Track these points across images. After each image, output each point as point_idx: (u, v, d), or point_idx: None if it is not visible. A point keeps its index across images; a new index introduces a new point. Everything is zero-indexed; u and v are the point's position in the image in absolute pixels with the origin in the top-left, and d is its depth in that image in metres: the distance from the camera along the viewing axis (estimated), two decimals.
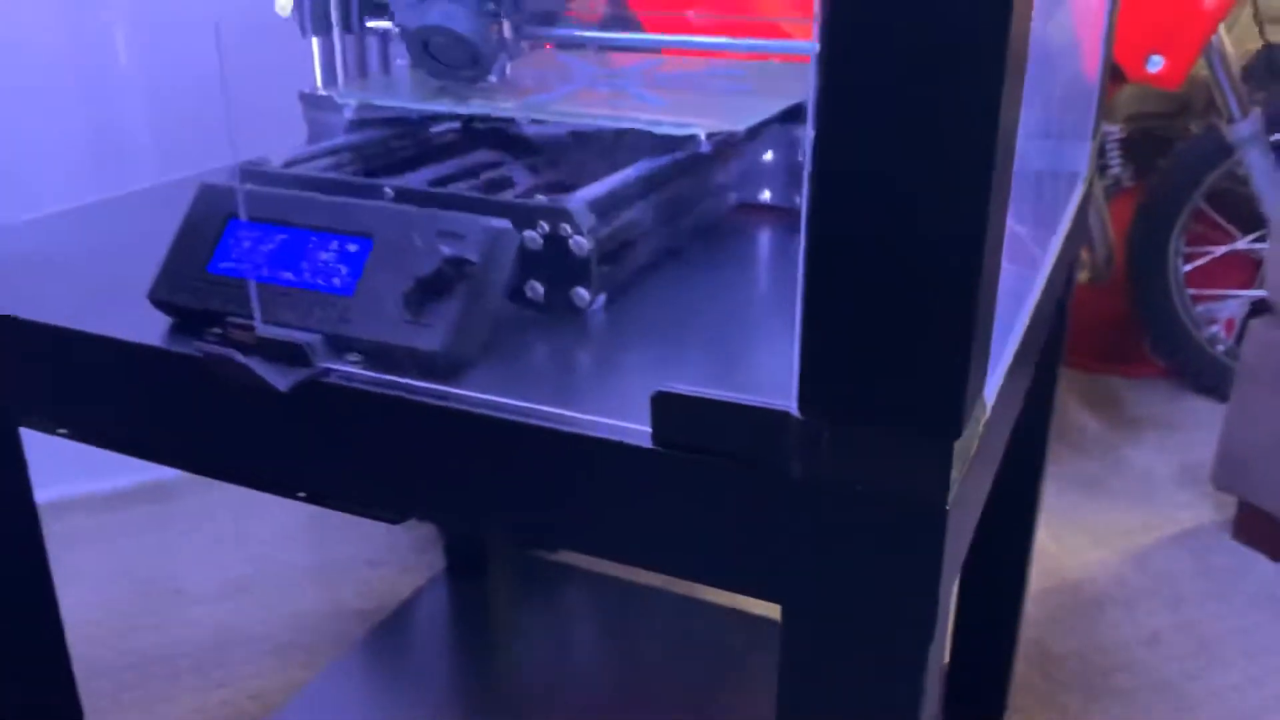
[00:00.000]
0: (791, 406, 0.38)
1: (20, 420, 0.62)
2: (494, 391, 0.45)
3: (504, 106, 0.64)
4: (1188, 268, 1.88)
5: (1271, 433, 1.40)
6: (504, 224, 0.49)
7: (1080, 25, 0.95)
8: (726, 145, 0.67)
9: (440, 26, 0.64)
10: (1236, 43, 1.77)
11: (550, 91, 0.70)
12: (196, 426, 0.52)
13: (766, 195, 0.73)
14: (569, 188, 0.56)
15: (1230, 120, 1.68)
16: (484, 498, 0.46)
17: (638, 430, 0.42)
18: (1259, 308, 1.39)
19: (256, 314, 0.48)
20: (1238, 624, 1.34)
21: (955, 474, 0.37)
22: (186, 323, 0.52)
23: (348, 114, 0.69)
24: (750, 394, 0.39)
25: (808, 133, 0.35)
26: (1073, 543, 1.53)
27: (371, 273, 0.49)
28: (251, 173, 0.58)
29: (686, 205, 0.64)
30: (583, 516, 0.44)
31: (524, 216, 0.52)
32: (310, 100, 0.76)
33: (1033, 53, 0.36)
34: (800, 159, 0.70)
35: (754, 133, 0.67)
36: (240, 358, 0.46)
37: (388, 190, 0.55)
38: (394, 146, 0.68)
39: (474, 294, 0.48)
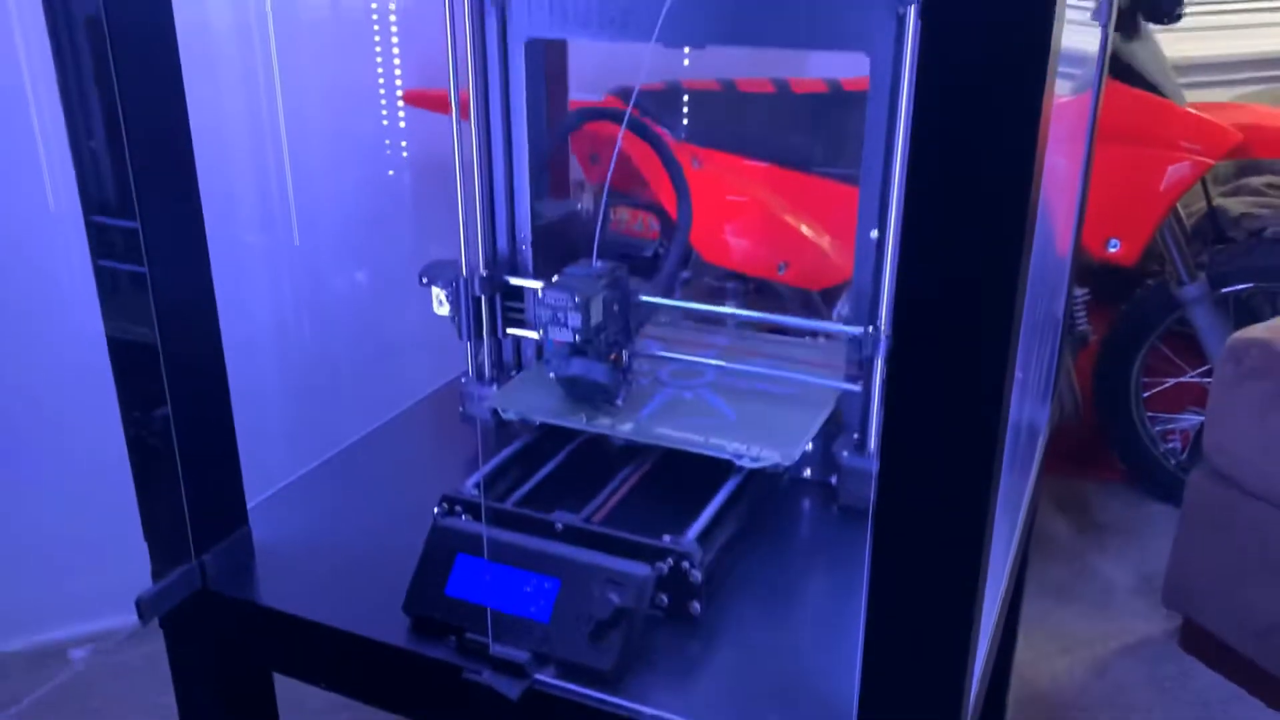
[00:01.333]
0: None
1: (277, 669, 0.86)
2: (651, 700, 0.69)
3: (620, 429, 0.89)
4: (1147, 394, 2.13)
5: (1209, 568, 1.64)
6: (647, 571, 0.73)
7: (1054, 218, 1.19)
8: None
9: (580, 376, 0.88)
10: (1184, 203, 2.01)
11: (649, 403, 0.93)
12: (428, 707, 0.76)
13: (807, 473, 0.97)
14: (678, 503, 0.80)
15: (1180, 283, 1.93)
16: None
17: None
18: (1200, 451, 1.64)
19: (490, 638, 0.72)
20: None
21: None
22: (427, 629, 0.76)
23: (507, 417, 0.93)
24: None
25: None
26: (1044, 649, 1.77)
27: (561, 605, 0.73)
28: (457, 501, 0.82)
29: (758, 507, 0.88)
30: None
31: (656, 553, 0.76)
32: (468, 395, 1.01)
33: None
34: (835, 453, 0.94)
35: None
36: (483, 676, 0.70)
37: (558, 525, 0.79)
38: (545, 450, 0.92)
39: (631, 625, 0.71)
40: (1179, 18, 1.77)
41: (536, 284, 1.00)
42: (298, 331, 1.61)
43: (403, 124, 1.65)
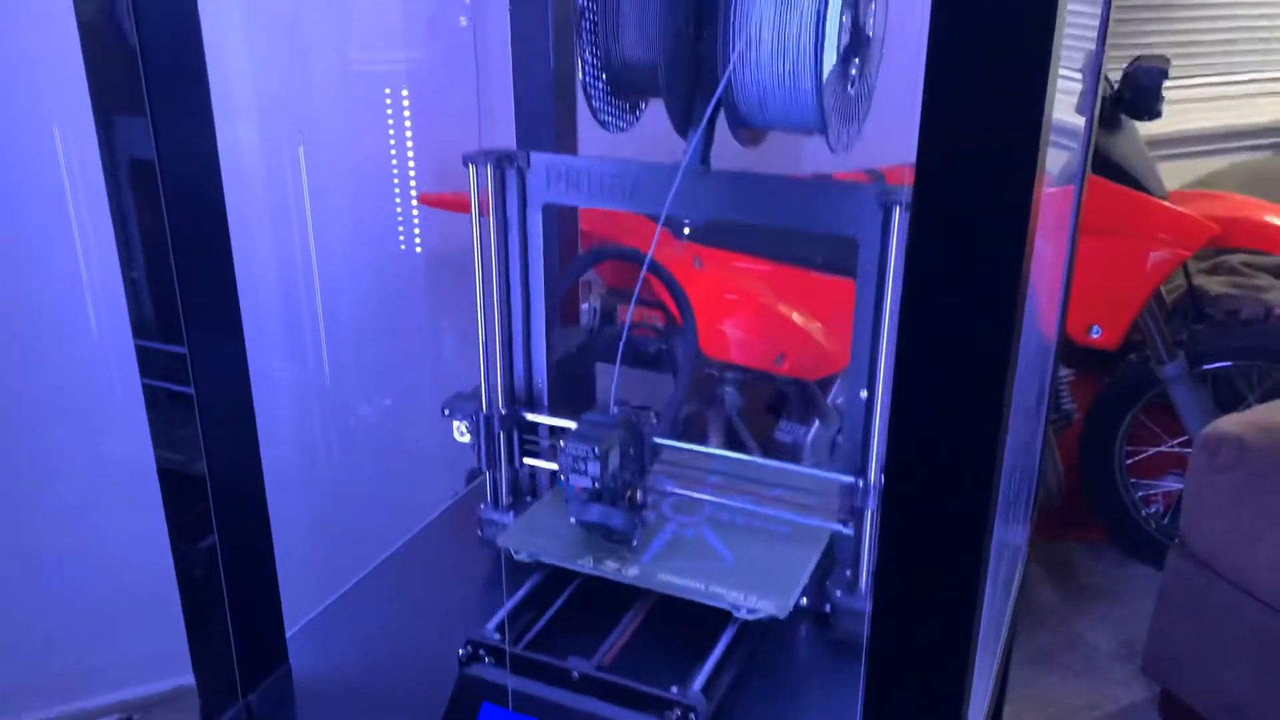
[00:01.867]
0: None
1: None
2: None
3: (626, 574, 0.95)
4: (1129, 461, 2.20)
5: (1186, 643, 1.71)
6: None
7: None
8: None
9: (599, 523, 0.95)
10: (1164, 281, 2.08)
11: (653, 542, 1.00)
12: None
13: (804, 601, 1.04)
14: (683, 644, 0.86)
15: (1159, 362, 2.00)
16: None
17: None
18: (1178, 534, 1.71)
19: None
20: None
21: None
22: None
23: (519, 558, 1.00)
24: None
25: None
26: (1029, 718, 1.84)
27: None
28: (480, 645, 0.89)
29: (757, 644, 0.95)
30: None
31: (664, 704, 0.83)
32: (485, 521, 1.08)
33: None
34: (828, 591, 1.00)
35: None
36: None
37: (574, 674, 0.85)
38: (556, 585, 0.98)
39: None
40: (1159, 114, 1.84)
41: (552, 420, 1.07)
42: (320, 451, 1.68)
43: (417, 239, 1.72)
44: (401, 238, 1.66)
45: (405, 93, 1.59)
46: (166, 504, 0.87)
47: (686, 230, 1.67)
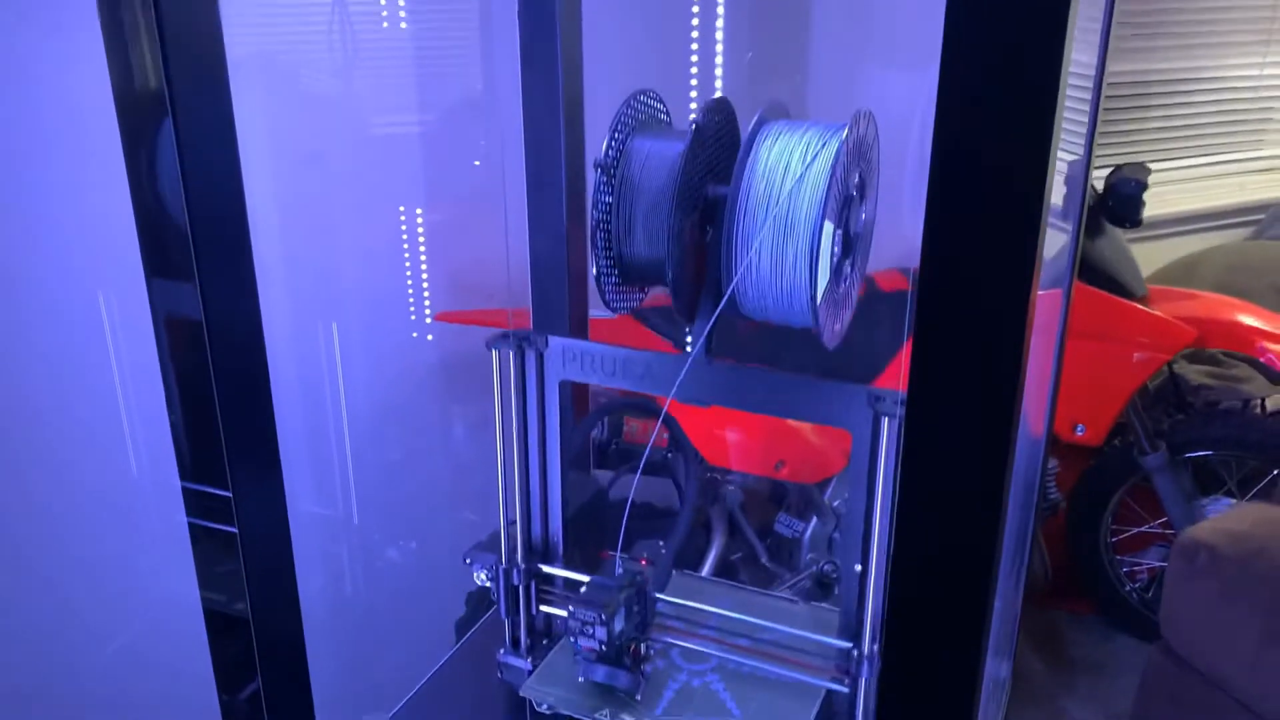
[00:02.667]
0: None
1: None
2: None
3: None
4: (1115, 539, 2.27)
5: None
6: None
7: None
8: None
9: (604, 682, 1.02)
10: None
11: (663, 695, 1.07)
12: None
13: None
14: None
15: (1142, 452, 2.07)
16: None
17: None
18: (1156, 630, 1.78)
19: None
20: None
21: None
22: None
23: (541, 709, 1.07)
24: None
25: None
26: None
27: None
28: None
29: None
30: None
31: None
32: (504, 665, 1.15)
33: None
34: None
35: None
36: None
37: None
38: None
39: None
40: (1139, 222, 1.91)
41: (566, 573, 1.14)
42: (345, 585, 1.75)
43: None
44: (411, 358, 1.73)
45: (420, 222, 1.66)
46: (212, 642, 0.94)
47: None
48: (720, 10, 1.67)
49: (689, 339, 1.64)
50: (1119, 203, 1.88)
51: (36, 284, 1.32)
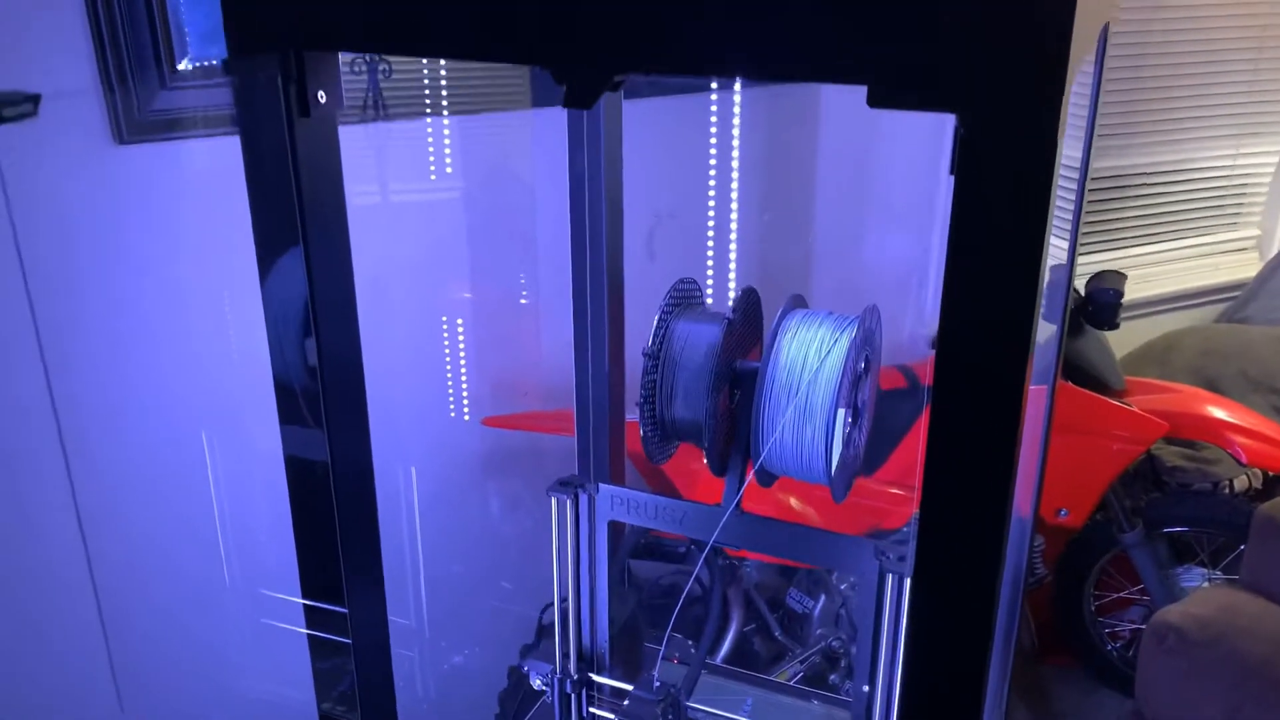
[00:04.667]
0: None
1: None
2: None
3: None
4: (1096, 603, 2.42)
5: None
6: None
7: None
8: None
9: None
10: None
11: None
12: None
13: None
14: None
15: (1121, 530, 2.22)
16: None
17: None
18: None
19: None
20: None
21: None
22: None
23: None
24: None
25: None
26: None
27: None
28: None
29: None
30: None
31: None
32: None
33: None
34: None
35: None
36: None
37: None
38: None
39: None
40: (1117, 326, 2.07)
41: (611, 682, 1.29)
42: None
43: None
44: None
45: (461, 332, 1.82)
46: None
47: None
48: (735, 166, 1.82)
49: None
50: (1098, 309, 2.03)
51: (141, 416, 1.48)
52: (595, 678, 1.29)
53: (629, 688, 1.24)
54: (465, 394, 1.91)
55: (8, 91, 0.51)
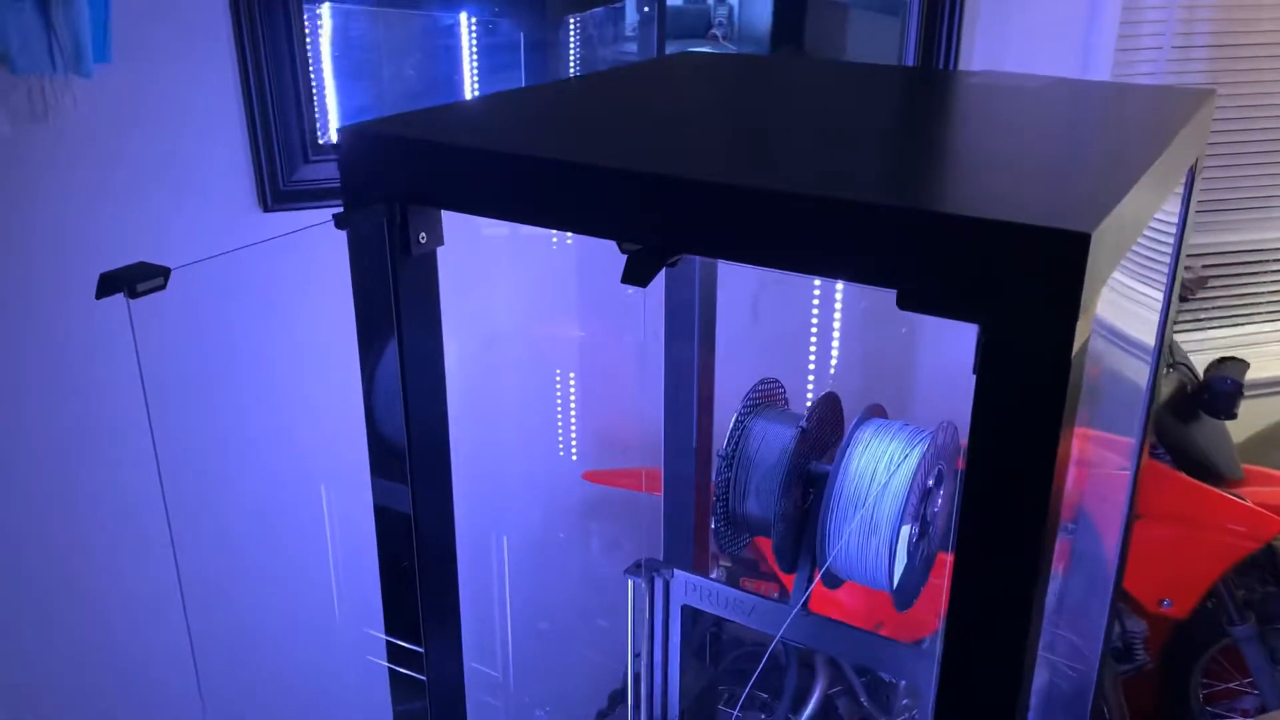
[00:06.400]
0: None
1: None
2: None
3: None
4: (1205, 690, 2.33)
5: None
6: None
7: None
8: None
9: None
10: None
11: None
12: None
13: None
14: None
15: (1230, 623, 2.13)
16: None
17: None
18: None
19: None
20: None
21: None
22: None
23: None
24: None
25: None
26: None
27: None
28: None
29: None
30: None
31: None
32: None
33: None
34: None
35: None
36: None
37: None
38: None
39: None
40: (1235, 417, 1.99)
41: None
42: None
43: None
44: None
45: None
46: None
47: None
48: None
49: None
50: (1214, 397, 1.96)
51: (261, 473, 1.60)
52: None
53: None
54: (574, 443, 1.98)
55: (137, 265, 0.58)
